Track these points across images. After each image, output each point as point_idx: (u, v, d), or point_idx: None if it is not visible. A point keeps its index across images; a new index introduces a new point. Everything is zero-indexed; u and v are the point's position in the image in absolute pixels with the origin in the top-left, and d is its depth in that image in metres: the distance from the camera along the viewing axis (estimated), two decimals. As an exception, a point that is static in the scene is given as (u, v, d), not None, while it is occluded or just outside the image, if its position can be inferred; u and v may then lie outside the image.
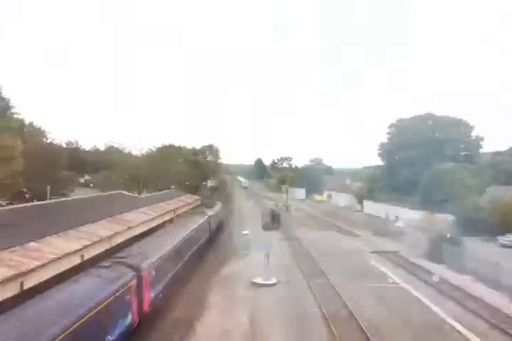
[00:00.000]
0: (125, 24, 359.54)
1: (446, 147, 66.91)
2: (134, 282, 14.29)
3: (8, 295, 12.99)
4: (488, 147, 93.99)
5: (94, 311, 11.05)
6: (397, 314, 18.45)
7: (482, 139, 67.99)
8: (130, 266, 14.84)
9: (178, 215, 38.95)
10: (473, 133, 68.49)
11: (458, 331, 16.54)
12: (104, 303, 11.73)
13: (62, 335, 9.41)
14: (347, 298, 20.32)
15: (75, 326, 9.97)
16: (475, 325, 17.28)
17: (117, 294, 12.73)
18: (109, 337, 11.96)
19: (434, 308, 19.25)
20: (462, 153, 68.73)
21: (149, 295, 15.98)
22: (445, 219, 36.87)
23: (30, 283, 14.18)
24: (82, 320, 10.32)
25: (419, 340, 15.61)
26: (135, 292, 14.37)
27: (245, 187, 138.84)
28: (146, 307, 15.52)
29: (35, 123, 54.95)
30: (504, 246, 36.89)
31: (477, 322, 17.63)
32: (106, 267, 14.31)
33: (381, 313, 18.58)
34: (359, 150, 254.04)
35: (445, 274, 25.54)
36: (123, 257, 16.10)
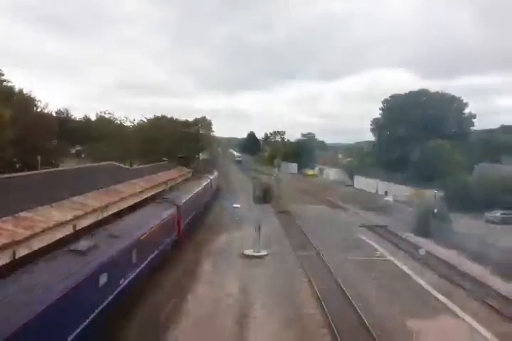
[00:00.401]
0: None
1: (438, 124, 66.97)
2: (176, 211, 22.57)
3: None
4: (480, 124, 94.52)
5: (160, 223, 19.14)
6: (381, 284, 19.08)
7: (474, 116, 68.12)
8: (173, 203, 23.48)
9: (170, 187, 39.04)
10: (466, 111, 68.49)
11: (436, 298, 17.24)
12: (164, 220, 19.94)
13: (150, 230, 17.30)
14: (335, 270, 20.88)
15: (153, 228, 17.85)
16: (453, 293, 18.09)
17: (169, 217, 20.90)
18: (167, 239, 20.56)
19: (419, 280, 19.90)
20: (453, 130, 68.96)
21: (182, 222, 24.15)
22: (433, 195, 37.50)
23: (22, 252, 14.30)
24: (155, 227, 18.06)
25: (404, 311, 16.19)
26: (177, 218, 22.71)
27: (239, 161, 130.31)
28: (181, 229, 23.70)
29: (25, 91, 53.61)
30: (490, 222, 37.75)
31: (456, 291, 18.34)
32: (159, 202, 23.56)
33: (365, 283, 19.21)
34: (352, 126, 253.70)
35: (431, 248, 26.27)
36: (167, 198, 25.14)
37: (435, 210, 31.51)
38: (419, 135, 65.67)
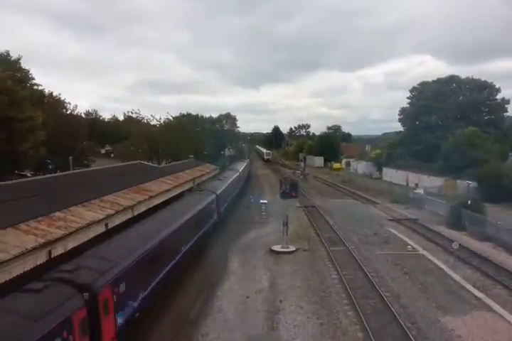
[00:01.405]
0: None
1: (469, 111, 64.72)
2: (215, 198, 27.55)
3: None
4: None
5: (204, 206, 24.10)
6: (415, 280, 18.71)
7: (508, 102, 65.29)
8: (212, 191, 28.58)
9: (198, 184, 39.42)
10: (499, 96, 65.82)
11: (473, 294, 16.74)
12: (206, 205, 24.73)
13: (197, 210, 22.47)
14: (366, 265, 20.62)
15: (202, 207, 23.45)
16: (488, 288, 17.61)
17: (210, 203, 25.86)
18: (211, 220, 25.93)
19: (453, 274, 19.38)
20: (486, 117, 66.53)
21: (219, 210, 28.89)
22: (466, 186, 36.27)
23: (57, 251, 14.75)
24: (202, 207, 23.61)
25: (434, 306, 15.83)
26: (216, 204, 27.63)
27: (267, 160, 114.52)
28: (218, 215, 28.40)
29: (54, 94, 55.19)
30: (527, 212, 36.27)
31: (491, 285, 17.77)
32: (201, 191, 28.89)
33: (397, 278, 18.88)
34: (379, 117, 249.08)
35: (464, 241, 25.51)
36: (207, 188, 30.64)
37: (468, 202, 30.47)
38: (450, 123, 63.75)
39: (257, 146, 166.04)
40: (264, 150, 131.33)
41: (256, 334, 13.64)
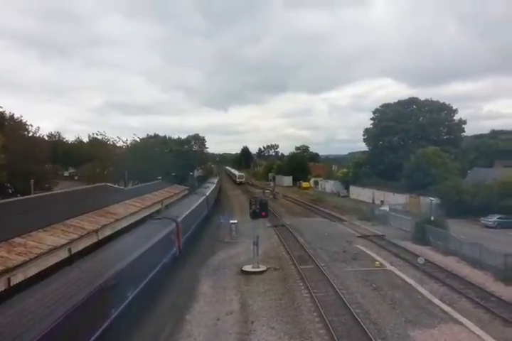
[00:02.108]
0: None
1: (429, 131, 67.65)
2: (174, 227, 23.53)
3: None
4: (471, 131, 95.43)
5: (160, 238, 20.39)
6: (385, 296, 18.93)
7: (465, 122, 68.85)
8: (173, 219, 24.34)
9: (166, 206, 38.82)
10: (456, 117, 69.29)
11: (440, 308, 17.08)
12: (164, 236, 21.08)
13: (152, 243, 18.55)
14: (336, 282, 20.71)
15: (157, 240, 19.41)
16: (455, 301, 17.99)
17: (168, 233, 22.00)
18: (169, 253, 22.01)
19: (420, 289, 19.74)
20: (445, 137, 69.62)
21: (181, 241, 24.91)
22: (429, 202, 37.46)
23: (16, 279, 14.05)
24: (158, 240, 19.56)
25: (404, 321, 16.02)
26: (176, 235, 23.63)
27: (240, 183, 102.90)
28: (179, 247, 24.33)
29: (16, 116, 53.59)
30: (487, 226, 37.78)
31: (456, 298, 18.21)
32: (159, 219, 24.30)
33: (366, 294, 19.04)
34: (345, 137, 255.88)
35: (429, 256, 26.18)
36: (166, 215, 25.73)
37: (432, 217, 31.46)
38: (411, 143, 66.40)
39: (228, 167, 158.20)
40: (237, 173, 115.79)
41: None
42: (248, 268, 23.64)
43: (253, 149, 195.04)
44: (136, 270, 15.37)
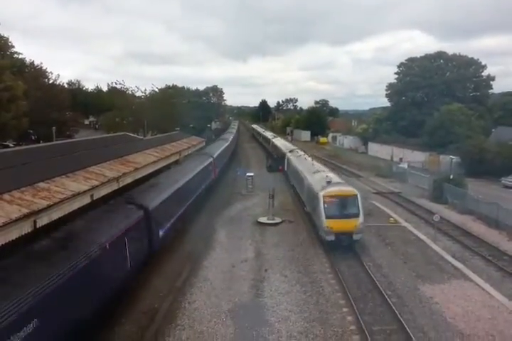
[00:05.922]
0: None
1: (455, 87, 64.95)
2: (212, 160, 32.88)
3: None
4: (499, 87, 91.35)
5: (205, 166, 30.10)
6: (397, 251, 19.25)
7: (493, 79, 65.63)
8: (210, 155, 34.15)
9: (184, 156, 39.15)
10: (484, 73, 65.99)
11: (452, 264, 17.34)
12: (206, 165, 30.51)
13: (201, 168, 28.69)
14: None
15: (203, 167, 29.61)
16: (467, 259, 18.23)
17: (207, 165, 31.01)
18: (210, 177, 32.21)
19: (433, 246, 19.96)
20: (471, 94, 66.91)
21: (216, 171, 35.07)
22: (449, 161, 36.79)
23: (42, 221, 14.63)
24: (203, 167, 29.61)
25: (414, 276, 16.38)
26: (213, 166, 33.33)
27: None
28: (215, 174, 34.33)
29: (36, 63, 53.25)
30: (506, 186, 37.20)
31: (468, 256, 18.42)
32: (203, 155, 34.22)
33: (380, 248, 19.38)
34: (367, 93, 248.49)
35: (446, 213, 26.15)
36: (206, 152, 36.18)
37: (451, 176, 31.03)
38: (436, 99, 64.01)
39: (254, 126, 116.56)
40: (268, 134, 72.58)
41: (242, 301, 13.98)
42: (263, 219, 24.16)
43: (271, 103, 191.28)
44: (194, 183, 24.74)
